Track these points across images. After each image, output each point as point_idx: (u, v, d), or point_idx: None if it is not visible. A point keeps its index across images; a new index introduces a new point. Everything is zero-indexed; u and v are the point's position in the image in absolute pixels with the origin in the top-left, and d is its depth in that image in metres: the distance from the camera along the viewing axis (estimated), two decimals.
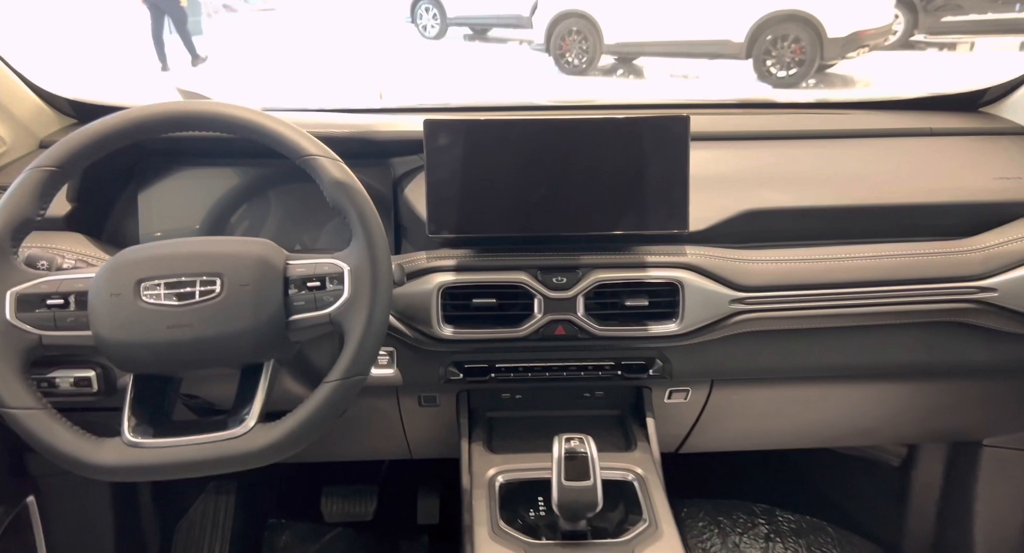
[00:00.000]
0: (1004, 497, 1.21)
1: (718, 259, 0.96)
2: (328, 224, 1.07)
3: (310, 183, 0.82)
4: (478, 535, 0.84)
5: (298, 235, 1.07)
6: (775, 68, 7.50)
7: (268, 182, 1.07)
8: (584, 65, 8.31)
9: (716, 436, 1.18)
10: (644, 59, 8.61)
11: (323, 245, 1.07)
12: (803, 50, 7.38)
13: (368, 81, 6.61)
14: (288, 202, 1.07)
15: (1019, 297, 0.94)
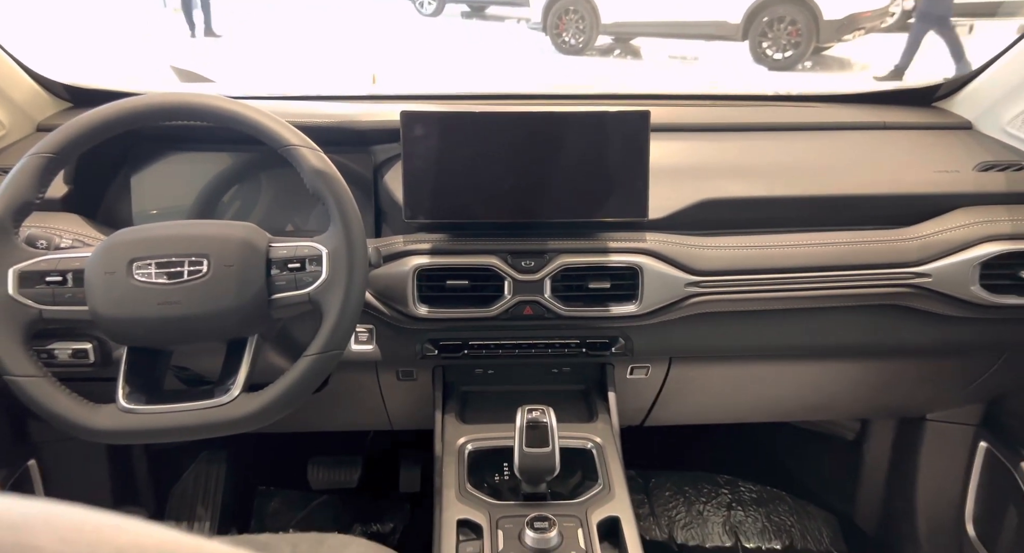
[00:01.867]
0: (944, 468, 1.29)
1: (675, 245, 1.02)
2: (312, 207, 1.13)
3: (293, 169, 0.88)
4: (446, 497, 0.92)
5: (282, 217, 1.13)
6: (771, 50, 7.48)
7: (254, 167, 1.12)
8: (581, 45, 8.28)
9: (677, 410, 1.25)
10: (641, 39, 8.57)
11: (310, 227, 1.13)
12: (799, 32, 7.36)
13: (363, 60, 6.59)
14: (272, 186, 1.13)
15: (950, 282, 1.01)
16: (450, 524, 0.87)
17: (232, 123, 0.85)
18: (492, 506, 0.90)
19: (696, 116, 1.21)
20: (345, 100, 1.22)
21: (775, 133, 1.17)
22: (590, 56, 8.24)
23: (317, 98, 1.23)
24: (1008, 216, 1.02)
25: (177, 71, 3.42)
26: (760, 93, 1.31)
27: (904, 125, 1.19)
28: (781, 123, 1.19)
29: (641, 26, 8.21)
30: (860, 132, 1.18)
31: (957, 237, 1.02)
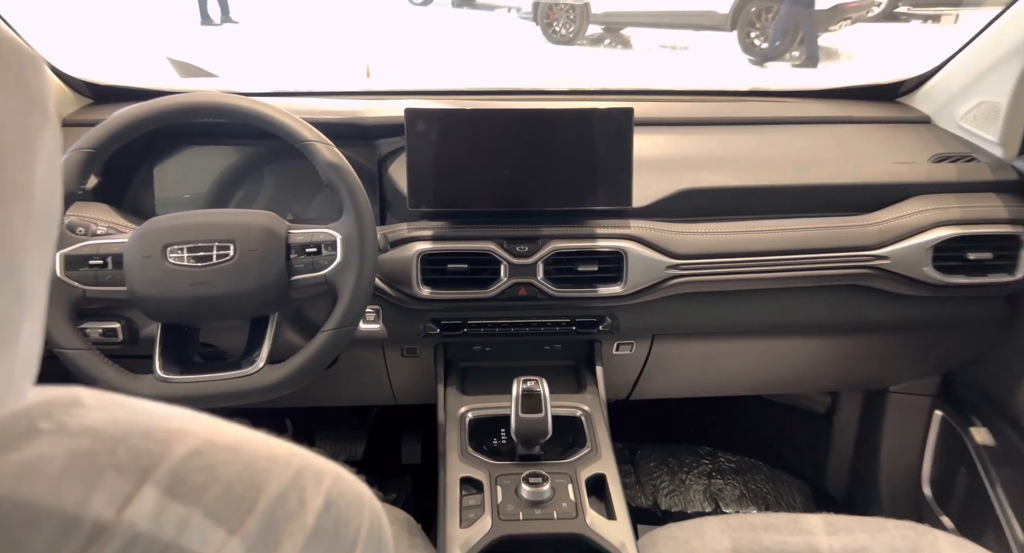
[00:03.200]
0: (904, 436, 1.40)
1: (657, 231, 1.12)
2: (317, 196, 1.21)
3: (301, 161, 0.97)
4: (450, 459, 1.02)
5: (290, 205, 1.21)
6: (759, 40, 7.57)
7: (265, 160, 1.21)
8: (571, 35, 8.33)
9: (660, 384, 1.35)
10: (632, 29, 8.63)
11: (312, 215, 1.22)
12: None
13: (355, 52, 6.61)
14: (282, 177, 1.21)
15: (906, 264, 1.11)
16: (454, 481, 0.97)
17: (254, 121, 0.94)
18: (491, 466, 0.99)
19: (677, 111, 1.30)
20: (350, 96, 1.31)
21: (750, 127, 1.27)
22: (581, 45, 8.29)
23: (324, 94, 1.32)
24: (958, 204, 1.12)
25: (174, 63, 3.47)
26: (737, 89, 1.40)
27: (869, 119, 1.29)
28: (756, 118, 1.29)
29: (631, 16, 8.27)
30: (828, 126, 1.27)
31: (912, 223, 1.12)
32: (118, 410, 0.29)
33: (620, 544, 0.86)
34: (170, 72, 3.25)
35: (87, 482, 0.25)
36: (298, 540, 0.30)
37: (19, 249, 0.26)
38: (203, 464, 0.28)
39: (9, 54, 0.25)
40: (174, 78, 2.75)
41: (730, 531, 0.98)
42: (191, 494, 0.27)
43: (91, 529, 0.24)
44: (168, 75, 3.13)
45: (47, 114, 0.27)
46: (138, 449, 0.27)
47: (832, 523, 1.00)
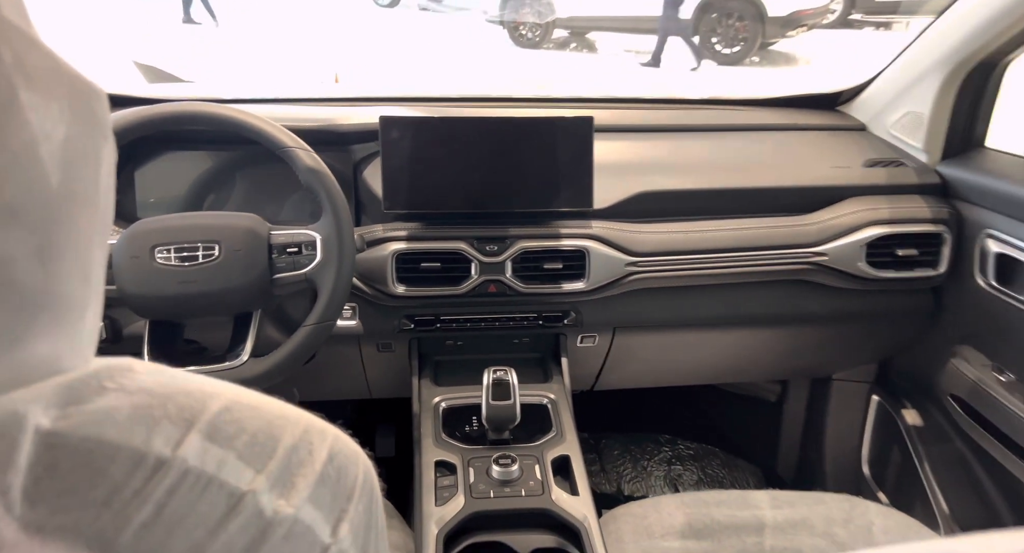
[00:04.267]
0: (846, 420, 1.51)
1: (617, 231, 1.20)
2: (290, 199, 1.26)
3: (274, 166, 1.02)
4: (425, 445, 1.08)
5: (263, 207, 1.24)
6: (720, 45, 7.77)
7: (240, 164, 1.26)
8: (538, 38, 8.43)
9: (622, 374, 1.44)
10: (597, 33, 8.76)
11: (285, 217, 1.26)
12: (746, 28, 7.67)
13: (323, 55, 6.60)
14: (256, 181, 1.26)
15: (842, 260, 1.21)
16: (429, 464, 1.03)
17: (238, 129, 1.00)
18: (464, 450, 1.07)
19: (635, 118, 1.39)
20: (326, 102, 1.36)
21: (702, 134, 1.36)
22: (547, 49, 8.40)
23: (301, 101, 1.37)
24: (888, 204, 1.23)
25: (141, 67, 3.45)
26: (690, 97, 1.50)
27: (810, 126, 1.39)
28: (708, 125, 1.38)
29: (596, 21, 8.41)
30: (774, 133, 1.37)
31: (847, 222, 1.22)
32: (162, 375, 0.36)
33: (583, 517, 0.94)
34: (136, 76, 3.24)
35: (148, 427, 0.32)
36: (309, 481, 0.37)
37: (87, 245, 0.32)
38: (232, 418, 0.35)
39: (83, 88, 0.31)
40: (157, 85, 2.74)
41: (684, 507, 1.07)
42: (225, 440, 0.34)
43: (154, 462, 0.31)
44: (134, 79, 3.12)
45: (107, 135, 0.33)
46: (182, 405, 0.34)
47: (776, 498, 1.09)
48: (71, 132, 0.30)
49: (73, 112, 0.31)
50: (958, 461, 1.24)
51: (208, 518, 0.31)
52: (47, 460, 0.28)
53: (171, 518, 0.30)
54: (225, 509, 0.32)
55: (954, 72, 1.18)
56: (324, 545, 0.36)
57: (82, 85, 0.31)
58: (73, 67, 0.32)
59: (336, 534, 0.37)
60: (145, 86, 2.33)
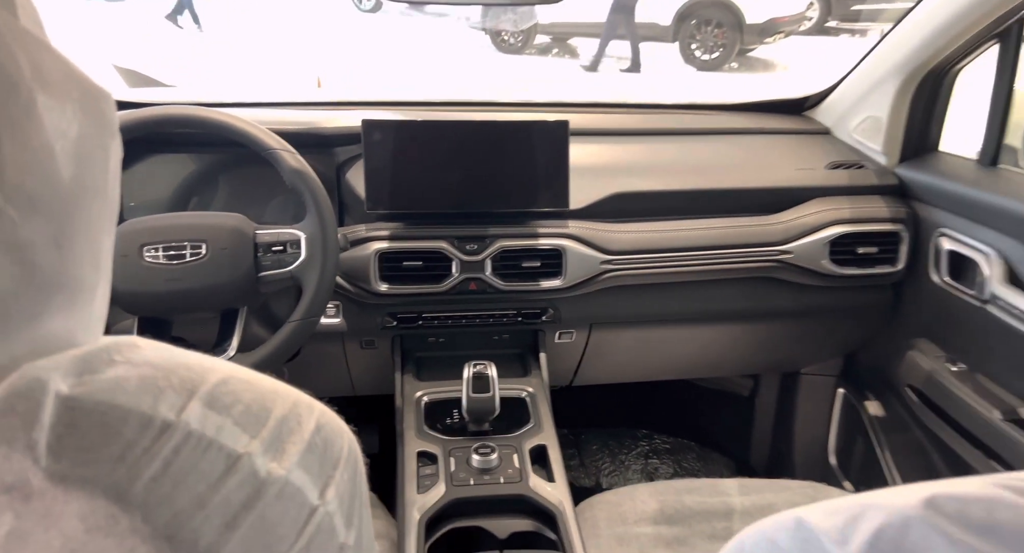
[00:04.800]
0: (814, 413, 1.57)
1: (592, 230, 1.25)
2: (272, 199, 1.28)
3: (256, 167, 1.05)
4: (407, 436, 1.12)
5: (246, 208, 1.25)
6: (699, 51, 7.90)
7: (223, 166, 1.28)
8: (519, 44, 8.50)
9: (599, 370, 1.48)
10: (579, 39, 8.85)
11: (268, 217, 1.28)
12: (725, 35, 7.80)
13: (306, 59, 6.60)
14: (238, 182, 1.28)
15: (807, 257, 1.27)
16: (411, 455, 1.07)
17: (225, 132, 1.03)
18: (445, 441, 1.10)
19: (610, 122, 1.44)
20: (310, 106, 1.40)
21: (674, 137, 1.42)
22: (529, 54, 8.47)
23: (285, 105, 1.41)
24: (849, 205, 1.29)
25: (121, 71, 3.46)
26: (663, 102, 1.56)
27: (778, 130, 1.46)
28: (680, 129, 1.44)
29: (577, 26, 8.50)
30: (743, 136, 1.43)
31: (811, 222, 1.28)
32: (164, 351, 0.40)
33: (558, 502, 0.99)
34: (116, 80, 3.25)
35: (154, 395, 0.35)
36: (298, 448, 0.41)
37: (97, 233, 0.36)
38: (229, 390, 0.39)
39: (92, 90, 0.35)
40: (139, 89, 2.75)
41: (657, 495, 1.12)
42: (223, 409, 0.38)
43: (161, 424, 0.34)
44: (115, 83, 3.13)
45: (114, 132, 0.37)
46: (183, 377, 0.38)
47: (745, 485, 1.15)
48: (83, 130, 0.34)
49: (84, 112, 0.35)
50: (917, 449, 1.31)
51: (209, 475, 0.35)
52: (67, 420, 0.32)
53: (176, 474, 0.34)
54: (224, 468, 0.36)
55: (908, 79, 1.25)
56: (312, 506, 0.40)
57: (91, 87, 0.35)
58: (83, 71, 0.36)
59: (323, 497, 0.41)
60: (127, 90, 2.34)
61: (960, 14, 1.09)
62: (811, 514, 0.43)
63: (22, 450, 0.31)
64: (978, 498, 0.36)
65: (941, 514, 0.36)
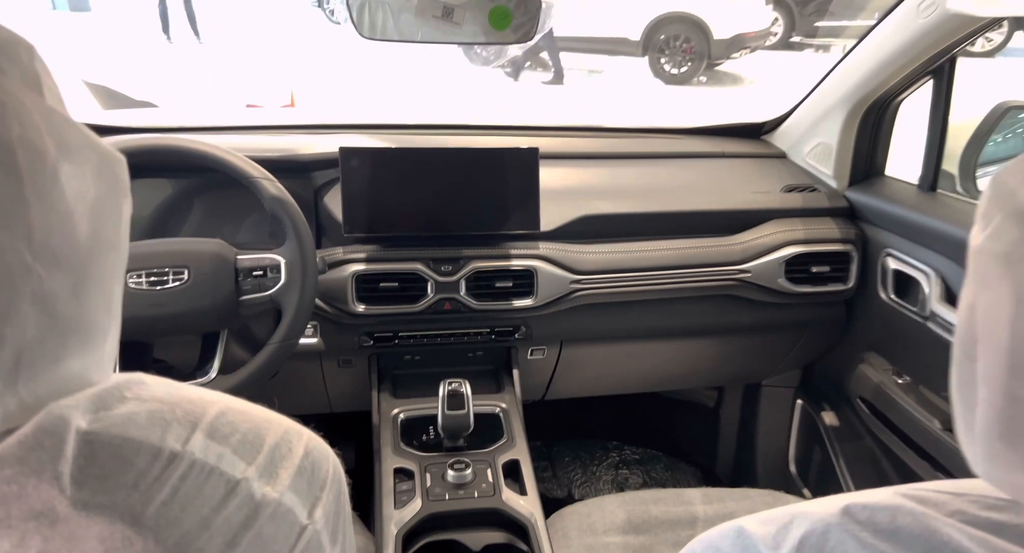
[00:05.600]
0: (775, 423, 1.64)
1: (562, 251, 1.31)
2: (246, 221, 1.30)
3: (230, 191, 1.08)
4: (384, 453, 1.16)
5: (219, 230, 1.28)
6: (668, 65, 8.07)
7: (198, 190, 1.30)
8: (492, 57, 8.59)
9: (570, 384, 1.53)
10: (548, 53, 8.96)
11: (243, 239, 1.30)
12: (693, 49, 7.98)
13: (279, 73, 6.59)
14: (214, 205, 1.30)
15: (764, 276, 1.34)
16: (388, 471, 1.11)
17: (208, 162, 1.07)
18: (421, 457, 1.15)
19: (578, 146, 1.50)
20: (288, 130, 1.44)
21: (640, 161, 1.48)
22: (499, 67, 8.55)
23: (264, 128, 1.44)
24: (803, 226, 1.37)
25: (91, 87, 3.44)
26: (629, 126, 1.63)
27: (737, 154, 1.53)
28: (645, 153, 1.50)
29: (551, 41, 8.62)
30: (704, 160, 1.51)
31: (768, 242, 1.36)
32: (167, 387, 0.44)
33: (530, 514, 1.03)
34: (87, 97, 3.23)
35: (162, 428, 0.40)
36: (289, 472, 0.45)
37: (110, 282, 0.40)
38: (227, 421, 0.43)
39: (107, 156, 0.40)
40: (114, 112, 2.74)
41: (625, 506, 1.17)
42: (222, 439, 0.42)
43: (168, 455, 0.39)
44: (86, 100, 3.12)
45: (126, 192, 0.41)
46: (186, 410, 0.42)
47: (708, 495, 1.21)
48: (99, 192, 0.39)
49: (100, 176, 0.39)
50: (868, 457, 1.38)
51: (212, 499, 0.40)
52: (87, 453, 0.37)
53: (183, 499, 0.38)
54: (224, 493, 0.40)
55: (854, 109, 1.33)
56: (302, 525, 0.45)
57: (106, 153, 0.40)
58: (99, 139, 0.40)
59: (312, 516, 0.46)
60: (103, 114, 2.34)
61: (898, 52, 1.17)
62: (749, 523, 0.49)
63: (49, 481, 0.35)
64: (884, 506, 0.42)
65: (854, 521, 0.42)
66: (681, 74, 8.05)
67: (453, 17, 0.96)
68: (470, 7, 0.94)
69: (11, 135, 0.33)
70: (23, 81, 0.35)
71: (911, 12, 1.10)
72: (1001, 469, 0.37)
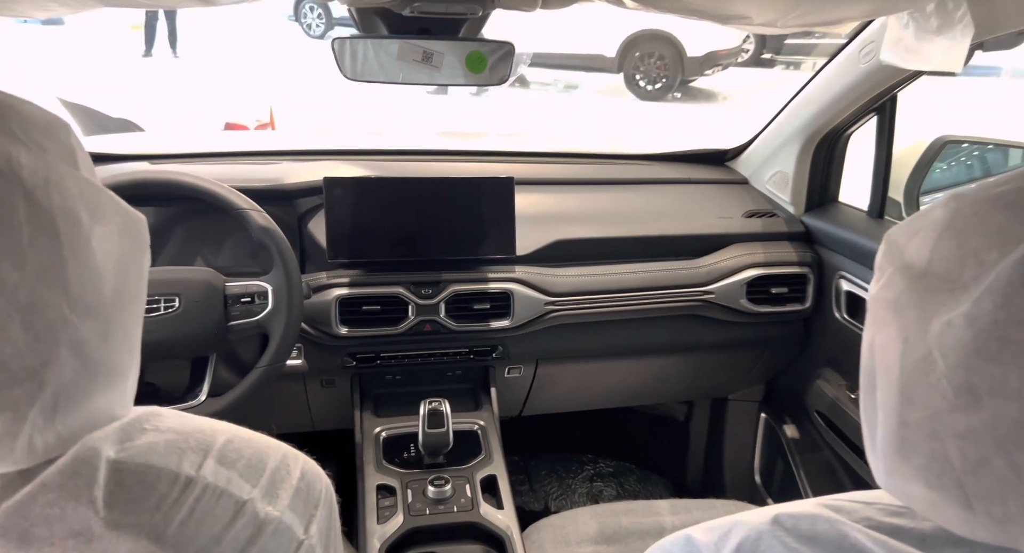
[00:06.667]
0: (741, 436, 1.72)
1: (537, 275, 1.37)
2: (224, 245, 1.34)
3: (211, 216, 1.11)
4: (367, 471, 1.21)
5: (199, 253, 1.34)
6: (643, 82, 8.23)
7: (180, 216, 1.33)
8: None
9: (546, 401, 1.59)
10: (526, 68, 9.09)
11: (221, 261, 1.34)
12: (667, 67, 8.15)
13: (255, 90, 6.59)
14: (195, 230, 1.34)
15: (727, 297, 1.42)
16: (371, 488, 1.16)
17: (199, 194, 1.12)
18: (402, 474, 1.20)
19: (552, 172, 1.57)
20: (273, 156, 1.49)
21: (610, 187, 1.56)
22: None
23: (249, 154, 1.49)
24: (763, 250, 1.46)
25: (65, 103, 3.43)
26: (600, 152, 1.71)
27: (702, 180, 1.62)
28: (615, 179, 1.58)
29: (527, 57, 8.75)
30: (671, 186, 1.59)
31: (730, 265, 1.44)
32: (180, 418, 0.50)
33: (506, 526, 1.09)
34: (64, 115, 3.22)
35: (179, 455, 0.45)
36: (288, 493, 0.51)
37: (132, 327, 0.46)
38: (234, 448, 0.49)
39: (130, 216, 0.46)
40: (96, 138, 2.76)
41: (597, 517, 1.24)
42: (230, 464, 0.48)
43: (185, 480, 0.44)
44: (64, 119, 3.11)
45: (146, 248, 0.47)
46: (198, 439, 0.48)
47: (675, 505, 1.28)
48: (124, 249, 0.45)
49: (125, 235, 0.45)
50: (826, 468, 1.46)
51: (222, 518, 0.45)
52: (116, 479, 0.42)
53: (199, 518, 0.44)
54: (233, 512, 0.46)
55: (808, 141, 1.43)
56: (300, 540, 0.50)
57: (130, 214, 0.46)
58: (124, 203, 0.46)
59: (308, 532, 0.52)
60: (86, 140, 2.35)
61: (843, 92, 1.27)
62: (696, 531, 0.56)
63: (85, 504, 0.41)
64: (806, 515, 0.49)
65: (782, 528, 0.49)
66: (656, 90, 8.20)
67: (432, 61, 1.03)
68: (448, 52, 1.01)
69: (52, 205, 0.39)
70: (61, 157, 0.41)
71: (853, 56, 1.19)
72: (897, 480, 0.44)
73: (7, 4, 0.74)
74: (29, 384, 0.38)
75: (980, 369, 0.38)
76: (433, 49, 1.00)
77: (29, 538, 0.39)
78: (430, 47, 1.00)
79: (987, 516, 0.39)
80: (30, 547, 0.39)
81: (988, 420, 0.38)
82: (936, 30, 0.83)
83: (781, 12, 0.82)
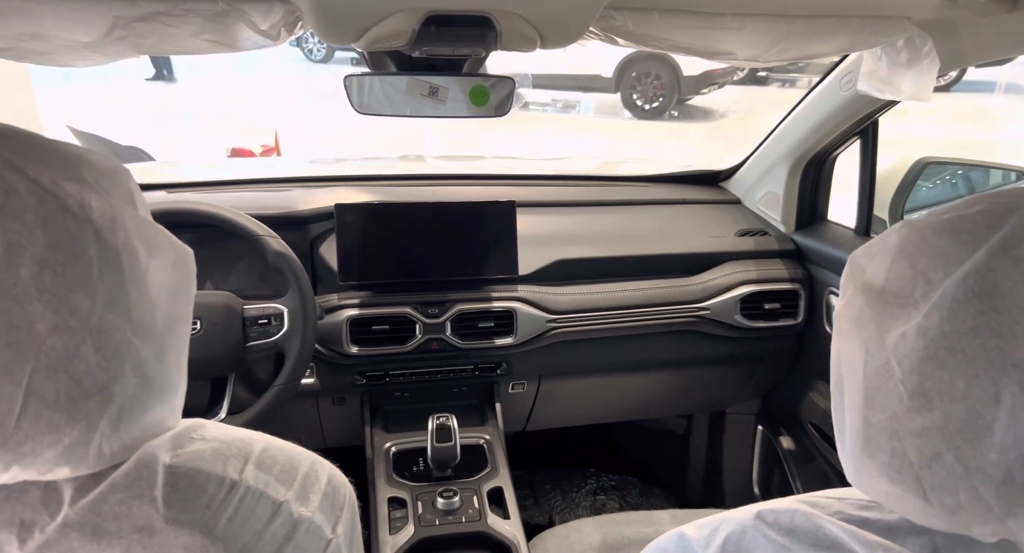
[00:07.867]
0: (739, 448, 1.77)
1: (539, 293, 1.43)
2: (235, 268, 1.39)
3: (220, 241, 1.16)
4: (378, 484, 1.26)
5: (213, 276, 1.38)
6: (640, 101, 8.35)
7: (191, 244, 1.40)
8: None
9: (549, 416, 1.64)
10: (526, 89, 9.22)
11: (232, 284, 1.38)
12: (664, 86, 8.28)
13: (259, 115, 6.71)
14: (207, 253, 1.36)
15: (721, 313, 1.48)
16: (383, 501, 1.21)
17: (219, 222, 1.18)
18: (412, 487, 1.25)
19: (552, 195, 1.64)
20: (285, 183, 1.56)
21: (609, 208, 1.62)
22: None
23: (262, 181, 1.56)
24: (756, 267, 1.52)
25: (76, 133, 3.53)
26: (599, 174, 1.77)
27: (697, 200, 1.68)
28: (614, 200, 1.64)
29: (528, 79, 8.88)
30: (667, 206, 1.65)
31: (724, 282, 1.50)
32: (222, 429, 0.56)
33: (512, 536, 1.14)
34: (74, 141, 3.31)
35: (224, 461, 0.51)
36: (318, 495, 0.57)
37: (182, 347, 0.52)
38: (269, 455, 0.55)
39: (180, 249, 0.52)
40: None
41: (600, 528, 1.28)
42: (268, 469, 0.53)
43: (230, 483, 0.50)
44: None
45: (193, 276, 0.54)
46: (239, 447, 0.54)
47: (675, 515, 1.32)
48: (175, 278, 0.51)
49: (176, 266, 0.51)
50: (821, 478, 1.51)
51: (262, 517, 0.51)
52: (172, 482, 0.48)
53: (243, 517, 0.50)
54: (271, 513, 0.52)
55: (796, 163, 1.49)
56: (328, 539, 0.56)
57: (181, 248, 0.52)
58: (175, 238, 0.52)
59: (335, 532, 0.57)
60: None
61: (827, 117, 1.34)
62: (689, 528, 0.62)
63: (148, 503, 0.46)
64: (785, 510, 0.55)
65: (764, 522, 0.55)
66: (653, 109, 8.32)
67: (438, 95, 1.10)
68: (453, 86, 1.08)
69: (117, 241, 0.45)
70: (123, 199, 0.47)
71: (835, 85, 1.26)
72: (864, 477, 0.50)
73: (51, 55, 0.81)
74: (99, 398, 0.44)
75: (931, 374, 0.44)
76: (438, 84, 1.07)
77: (101, 532, 0.45)
78: (436, 82, 1.07)
79: (941, 506, 0.45)
80: (102, 540, 0.44)
81: (939, 420, 0.43)
82: (906, 64, 0.90)
83: (762, 49, 0.89)
